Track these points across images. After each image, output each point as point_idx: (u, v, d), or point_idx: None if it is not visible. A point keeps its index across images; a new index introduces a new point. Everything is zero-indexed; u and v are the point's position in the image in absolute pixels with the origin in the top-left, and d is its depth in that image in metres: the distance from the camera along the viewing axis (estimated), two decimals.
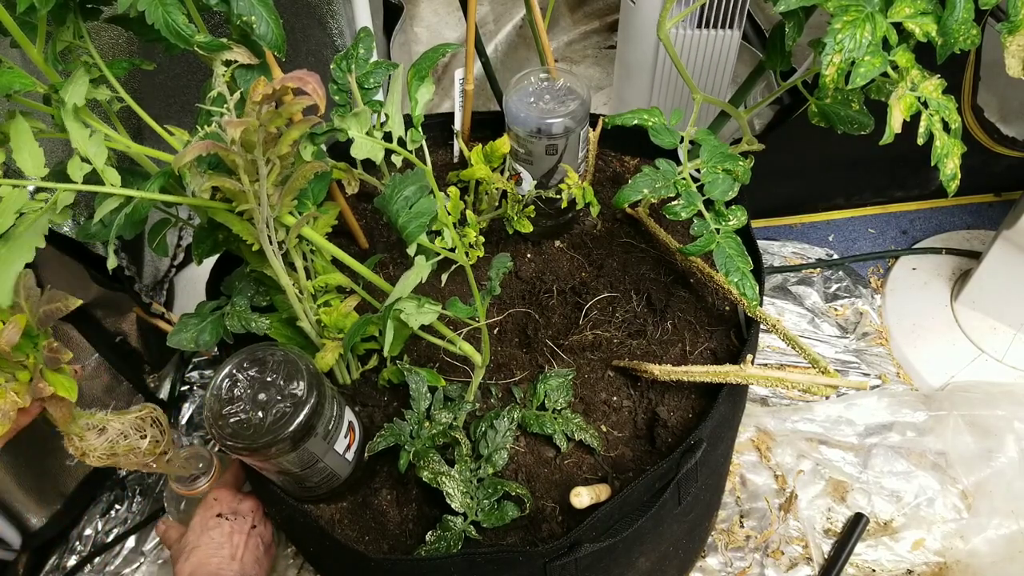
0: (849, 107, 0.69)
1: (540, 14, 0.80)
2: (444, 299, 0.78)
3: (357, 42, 0.74)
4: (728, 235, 0.67)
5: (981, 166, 1.24)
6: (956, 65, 1.07)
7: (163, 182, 0.57)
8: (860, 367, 1.11)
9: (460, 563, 0.61)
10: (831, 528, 0.97)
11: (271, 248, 0.61)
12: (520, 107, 0.75)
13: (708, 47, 1.07)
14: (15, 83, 0.51)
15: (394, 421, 0.69)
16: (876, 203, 1.31)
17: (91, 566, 0.98)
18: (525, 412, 0.72)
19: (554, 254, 0.85)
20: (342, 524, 0.70)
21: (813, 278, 1.21)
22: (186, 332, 0.69)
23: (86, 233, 0.64)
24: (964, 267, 1.18)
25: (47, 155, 0.53)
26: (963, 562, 0.92)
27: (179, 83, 0.96)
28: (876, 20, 0.60)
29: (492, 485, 0.66)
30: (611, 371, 0.76)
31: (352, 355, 0.75)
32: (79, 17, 0.57)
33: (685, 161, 0.70)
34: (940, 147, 0.63)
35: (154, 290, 1.06)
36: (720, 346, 0.76)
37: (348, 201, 0.82)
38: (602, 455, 0.71)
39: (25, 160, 0.51)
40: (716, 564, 0.94)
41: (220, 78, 0.59)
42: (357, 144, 0.65)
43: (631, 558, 0.69)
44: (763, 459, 1.02)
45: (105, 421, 0.60)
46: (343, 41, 1.06)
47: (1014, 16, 0.61)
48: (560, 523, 0.67)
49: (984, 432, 0.99)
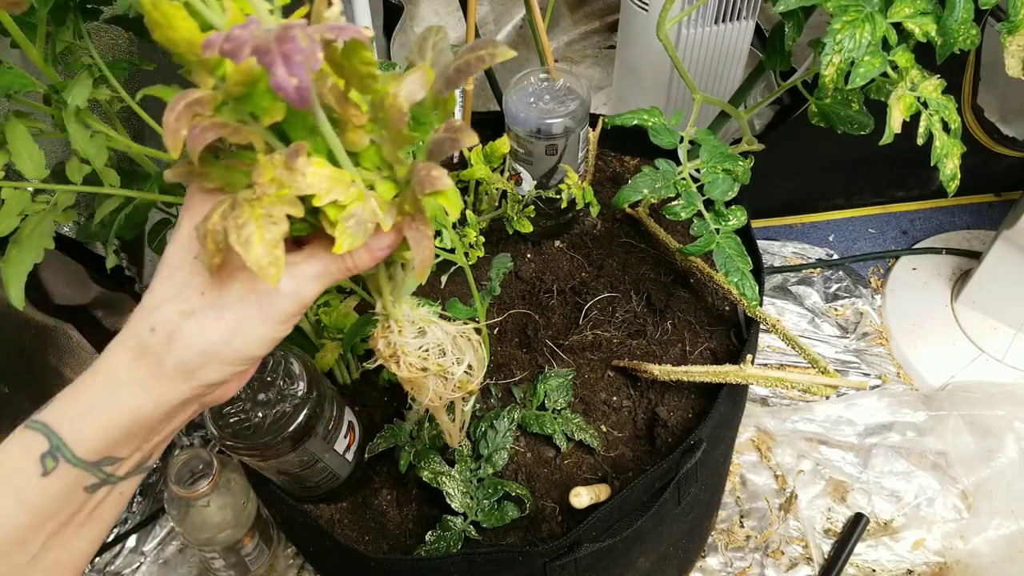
0: (849, 107, 0.69)
1: (540, 14, 0.80)
2: (444, 299, 0.78)
3: None
4: (728, 235, 0.67)
5: (981, 166, 1.24)
6: (956, 65, 1.07)
7: (163, 182, 0.57)
8: (860, 367, 1.11)
9: (460, 563, 0.61)
10: (831, 528, 0.97)
11: None
12: (520, 107, 0.75)
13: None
14: (15, 83, 0.51)
15: (394, 422, 0.70)
16: (876, 203, 1.31)
17: (91, 566, 0.98)
18: (525, 412, 0.72)
19: (554, 254, 0.85)
20: (342, 524, 0.70)
21: (813, 278, 1.21)
22: None
23: (86, 233, 0.64)
24: (964, 267, 1.18)
25: (47, 155, 0.53)
26: (963, 562, 0.92)
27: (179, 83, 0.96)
28: (876, 20, 0.60)
29: (492, 485, 0.66)
30: (611, 371, 0.76)
31: (352, 355, 0.75)
32: (79, 17, 0.57)
33: (685, 161, 0.70)
34: (940, 147, 0.63)
35: None
36: (720, 346, 0.76)
37: None
38: (602, 455, 0.71)
39: (25, 162, 0.51)
40: (716, 564, 0.94)
41: None
42: None
43: (631, 558, 0.69)
44: (763, 459, 1.02)
45: (429, 322, 0.47)
46: None
47: (1014, 16, 0.61)
48: (560, 523, 0.67)
49: (984, 432, 0.99)
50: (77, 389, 0.36)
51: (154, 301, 0.36)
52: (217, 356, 0.36)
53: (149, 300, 0.36)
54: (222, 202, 0.33)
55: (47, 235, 0.52)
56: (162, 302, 0.36)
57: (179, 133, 0.31)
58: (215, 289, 0.35)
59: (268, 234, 0.32)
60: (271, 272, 0.32)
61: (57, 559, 0.37)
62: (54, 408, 0.36)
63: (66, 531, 0.37)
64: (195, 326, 0.35)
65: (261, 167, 0.33)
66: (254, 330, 0.36)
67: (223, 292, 0.35)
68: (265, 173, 0.33)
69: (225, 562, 0.89)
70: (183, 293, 0.36)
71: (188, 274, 0.36)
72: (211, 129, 0.31)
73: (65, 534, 0.37)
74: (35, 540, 0.36)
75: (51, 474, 0.35)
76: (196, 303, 0.35)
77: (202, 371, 0.36)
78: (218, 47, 0.28)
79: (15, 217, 0.51)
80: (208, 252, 0.33)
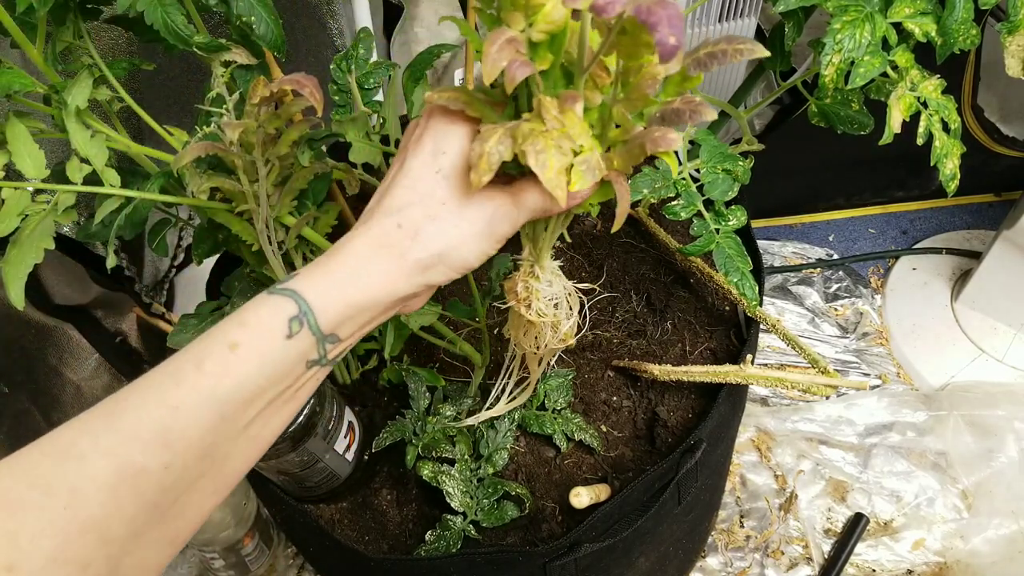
0: (849, 107, 0.69)
1: None
2: (444, 299, 0.78)
3: (357, 42, 0.74)
4: (728, 235, 0.67)
5: (981, 166, 1.24)
6: (956, 65, 1.07)
7: (163, 182, 0.57)
8: (860, 367, 1.11)
9: (460, 563, 0.61)
10: (831, 528, 0.97)
11: (271, 248, 0.61)
12: None
13: None
14: (15, 83, 0.51)
15: (396, 419, 0.70)
16: (876, 203, 1.31)
17: None
18: (525, 412, 0.72)
19: (554, 254, 0.85)
20: (342, 524, 0.70)
21: (813, 278, 1.21)
22: (186, 332, 0.69)
23: (86, 233, 0.64)
24: (964, 267, 1.18)
25: (47, 155, 0.53)
26: (963, 562, 0.92)
27: (179, 83, 0.96)
28: (876, 20, 0.60)
29: (492, 485, 0.66)
30: (611, 371, 0.76)
31: (352, 355, 0.75)
32: (79, 17, 0.57)
33: (685, 161, 0.70)
34: (940, 147, 0.63)
35: (154, 290, 1.06)
36: (720, 346, 0.76)
37: (348, 201, 0.82)
38: (602, 455, 0.71)
39: (25, 162, 0.51)
40: (716, 564, 0.94)
41: (219, 78, 0.59)
42: (355, 149, 0.66)
43: (631, 558, 0.69)
44: (763, 459, 1.02)
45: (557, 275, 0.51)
46: (343, 41, 1.06)
47: (1014, 16, 0.61)
48: (560, 523, 0.67)
49: (984, 432, 0.99)
50: (320, 267, 0.40)
51: (396, 204, 0.40)
52: (446, 259, 0.41)
53: (390, 202, 0.41)
54: (493, 130, 0.39)
55: (47, 235, 0.52)
56: (407, 205, 0.40)
57: (499, 63, 0.35)
58: (455, 202, 0.40)
59: (558, 162, 0.38)
60: (558, 193, 0.38)
61: (259, 432, 0.39)
62: (300, 279, 0.39)
63: (275, 405, 0.39)
64: (436, 230, 0.40)
65: (547, 106, 0.38)
66: (478, 244, 0.41)
67: (461, 206, 0.40)
68: (549, 111, 0.38)
69: (225, 562, 0.89)
70: (426, 200, 0.40)
71: (430, 185, 0.40)
72: (526, 66, 0.36)
73: (272, 408, 0.39)
74: (257, 406, 0.38)
75: (293, 338, 0.38)
76: (438, 211, 0.40)
77: (433, 270, 0.41)
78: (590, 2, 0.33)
79: (15, 217, 0.51)
80: (479, 170, 0.38)
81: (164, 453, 0.35)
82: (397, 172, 0.42)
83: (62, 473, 0.33)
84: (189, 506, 0.37)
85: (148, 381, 0.37)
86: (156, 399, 0.36)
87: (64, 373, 0.97)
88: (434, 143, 0.41)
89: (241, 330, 0.38)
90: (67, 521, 0.32)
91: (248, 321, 0.38)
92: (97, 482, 0.33)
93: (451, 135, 0.41)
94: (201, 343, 0.38)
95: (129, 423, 0.35)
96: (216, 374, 0.36)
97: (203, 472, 0.37)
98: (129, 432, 0.35)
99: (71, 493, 0.33)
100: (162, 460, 0.35)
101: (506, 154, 0.39)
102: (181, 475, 0.36)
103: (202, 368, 0.37)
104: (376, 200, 0.42)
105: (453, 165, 0.40)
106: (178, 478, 0.36)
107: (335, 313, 0.39)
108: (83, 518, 0.33)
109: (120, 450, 0.34)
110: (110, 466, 0.34)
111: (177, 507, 0.36)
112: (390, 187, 0.42)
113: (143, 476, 0.34)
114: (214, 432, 0.36)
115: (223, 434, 0.37)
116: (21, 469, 0.34)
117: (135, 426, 0.35)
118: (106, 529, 0.33)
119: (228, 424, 0.37)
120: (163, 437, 0.35)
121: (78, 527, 0.33)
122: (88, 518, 0.33)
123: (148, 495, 0.35)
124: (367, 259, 0.40)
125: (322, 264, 0.40)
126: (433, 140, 0.41)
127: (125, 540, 0.34)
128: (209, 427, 0.36)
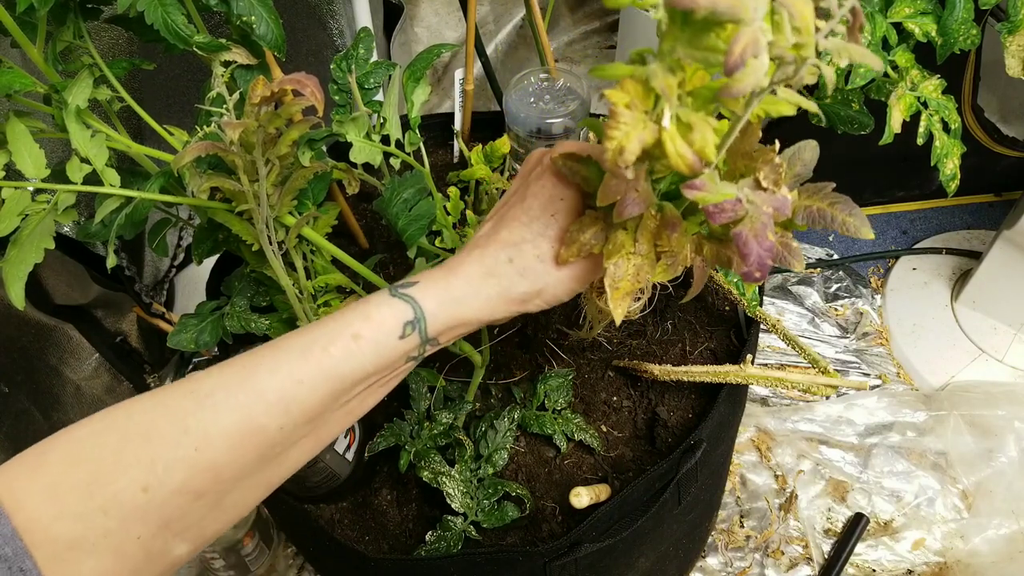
0: (849, 107, 0.69)
1: (540, 14, 0.80)
2: None
3: (357, 42, 0.74)
4: None
5: (981, 166, 1.24)
6: (956, 65, 1.07)
7: (163, 182, 0.57)
8: (860, 367, 1.11)
9: (460, 563, 0.61)
10: (831, 528, 0.97)
11: (271, 248, 0.61)
12: (520, 107, 0.75)
13: None
14: (15, 83, 0.51)
15: (394, 421, 0.70)
16: (876, 203, 1.31)
17: None
18: (525, 412, 0.72)
19: None
20: (342, 524, 0.70)
21: (813, 278, 1.21)
22: (186, 332, 0.69)
23: (86, 233, 0.64)
24: (964, 267, 1.18)
25: (48, 155, 0.53)
26: (963, 562, 0.92)
27: (179, 83, 0.96)
28: (876, 20, 0.60)
29: (492, 485, 0.66)
30: (611, 371, 0.76)
31: None
32: (79, 17, 0.57)
33: None
34: (940, 147, 0.63)
35: (154, 290, 1.06)
36: (720, 346, 0.76)
37: (348, 201, 0.82)
38: (602, 455, 0.71)
39: (25, 162, 0.51)
40: (716, 564, 0.94)
41: (219, 78, 0.59)
42: (356, 148, 0.66)
43: (631, 558, 0.69)
44: (763, 459, 1.02)
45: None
46: (343, 41, 1.06)
47: (1014, 16, 0.61)
48: (560, 523, 0.67)
49: (984, 432, 0.99)
50: (440, 282, 0.46)
51: (513, 238, 0.46)
52: (543, 295, 0.47)
53: (508, 236, 0.46)
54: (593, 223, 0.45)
55: (47, 235, 0.52)
56: (522, 241, 0.46)
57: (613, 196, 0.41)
58: (560, 245, 0.46)
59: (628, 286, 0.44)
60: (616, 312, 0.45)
61: (355, 408, 0.46)
62: (421, 288, 0.45)
63: (373, 387, 0.46)
64: (542, 268, 0.46)
65: (641, 240, 0.44)
66: (571, 285, 0.47)
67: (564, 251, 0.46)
68: (642, 244, 0.44)
69: (225, 562, 0.89)
70: (537, 240, 0.46)
71: (543, 226, 0.46)
72: (637, 205, 0.41)
73: (370, 390, 0.45)
74: (361, 387, 0.44)
75: (405, 339, 0.44)
76: (545, 250, 0.46)
77: (530, 303, 0.47)
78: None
79: (15, 217, 0.51)
80: (569, 251, 0.45)
81: (282, 417, 0.41)
82: (517, 205, 0.47)
83: (199, 418, 0.39)
84: (288, 459, 0.44)
85: (280, 349, 0.43)
86: (286, 370, 0.42)
87: (64, 373, 0.97)
88: (552, 191, 0.46)
89: (365, 324, 0.44)
90: (196, 460, 0.39)
91: (372, 316, 0.44)
92: (225, 432, 0.40)
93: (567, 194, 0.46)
94: (328, 327, 0.44)
95: (259, 386, 0.41)
96: (339, 358, 0.42)
97: (306, 434, 0.43)
98: (257, 394, 0.41)
99: (203, 437, 0.39)
100: (279, 423, 0.41)
101: (595, 249, 0.44)
102: (290, 435, 0.42)
103: (328, 351, 0.42)
104: (493, 226, 0.48)
105: (561, 226, 0.46)
106: (287, 438, 0.42)
107: (442, 324, 0.45)
108: (208, 459, 0.39)
109: (248, 409, 0.40)
110: (238, 421, 0.40)
111: (279, 460, 0.43)
112: (508, 219, 0.47)
113: (261, 434, 0.41)
114: (324, 405, 0.43)
115: (330, 407, 0.43)
116: (165, 407, 0.40)
117: (263, 390, 0.41)
118: (222, 470, 0.40)
119: (336, 399, 0.43)
120: (285, 404, 0.41)
121: (203, 466, 0.39)
122: (211, 460, 0.39)
123: (261, 449, 0.41)
124: (478, 284, 0.46)
125: (441, 280, 0.46)
126: (553, 188, 0.46)
127: (234, 481, 0.41)
128: (322, 400, 0.42)
